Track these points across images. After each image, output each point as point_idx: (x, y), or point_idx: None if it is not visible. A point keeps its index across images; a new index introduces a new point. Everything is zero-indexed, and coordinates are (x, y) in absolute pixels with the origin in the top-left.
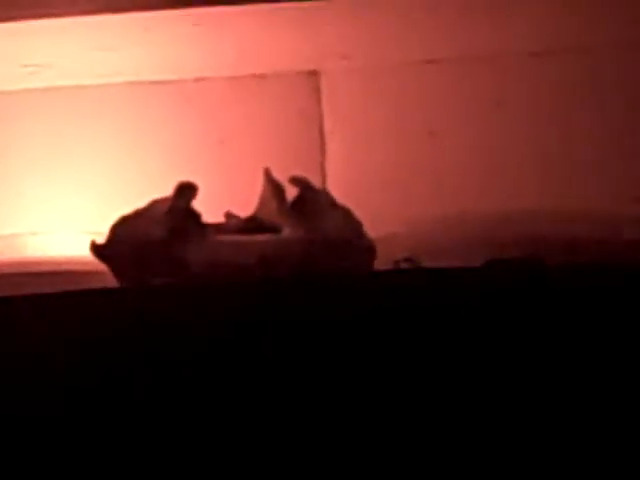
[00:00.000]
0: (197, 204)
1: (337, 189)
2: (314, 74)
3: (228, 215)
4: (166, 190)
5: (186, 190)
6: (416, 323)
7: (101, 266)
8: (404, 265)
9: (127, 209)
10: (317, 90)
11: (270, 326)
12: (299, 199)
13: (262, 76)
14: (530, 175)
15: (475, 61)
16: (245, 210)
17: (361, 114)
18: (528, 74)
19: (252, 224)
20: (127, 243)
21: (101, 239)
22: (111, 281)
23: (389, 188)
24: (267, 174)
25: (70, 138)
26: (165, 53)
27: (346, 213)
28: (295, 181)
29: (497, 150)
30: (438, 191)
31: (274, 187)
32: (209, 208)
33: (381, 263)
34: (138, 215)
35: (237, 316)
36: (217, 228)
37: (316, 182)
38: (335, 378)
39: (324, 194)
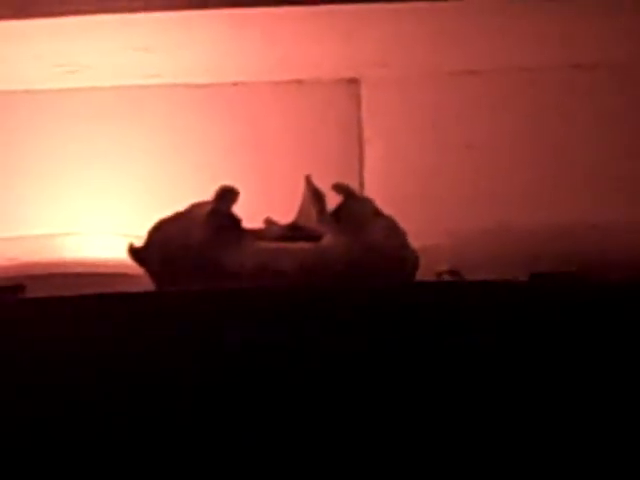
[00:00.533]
0: (235, 210)
1: (375, 198)
2: (354, 82)
3: (268, 221)
4: (204, 195)
5: (227, 194)
6: (459, 336)
7: (138, 269)
8: (447, 277)
9: (164, 212)
10: (357, 98)
11: (308, 335)
12: (341, 207)
13: (302, 82)
14: (571, 188)
15: (516, 73)
16: (284, 217)
17: (400, 123)
18: (568, 87)
19: (292, 231)
20: (165, 247)
21: (139, 242)
22: (147, 284)
23: (427, 198)
24: (308, 181)
25: (108, 139)
26: (204, 55)
27: (390, 222)
28: (338, 188)
29: (536, 163)
30: (477, 203)
31: (315, 194)
32: (246, 214)
33: (422, 274)
34: (177, 218)
35: (273, 323)
36: (257, 234)
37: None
38: (375, 388)
39: (368, 202)
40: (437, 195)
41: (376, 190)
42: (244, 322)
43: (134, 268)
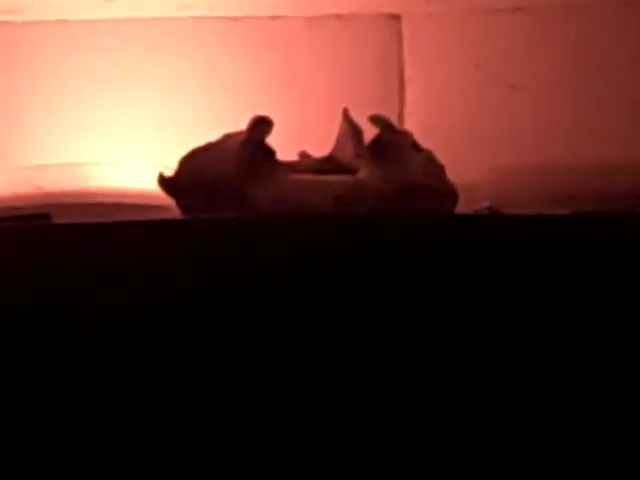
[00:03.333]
0: (270, 143)
1: (414, 136)
2: (396, 17)
3: (302, 154)
4: (237, 128)
5: (261, 124)
6: (494, 270)
7: (167, 200)
8: (486, 214)
9: (197, 144)
10: (398, 34)
11: (341, 265)
12: (379, 139)
13: (341, 17)
14: (616, 126)
15: (562, 10)
16: (319, 152)
17: (443, 62)
18: (616, 24)
19: (327, 164)
20: (196, 176)
21: (169, 172)
22: (177, 216)
23: (469, 138)
24: (345, 114)
25: (141, 70)
26: None
27: (428, 156)
28: (375, 120)
29: (581, 101)
30: (519, 142)
31: (352, 128)
32: (282, 149)
33: (459, 211)
34: (209, 148)
35: (306, 253)
36: (291, 167)
37: None
38: (412, 316)
39: (405, 135)
40: (479, 134)
41: (416, 128)
42: (275, 252)
43: (164, 199)
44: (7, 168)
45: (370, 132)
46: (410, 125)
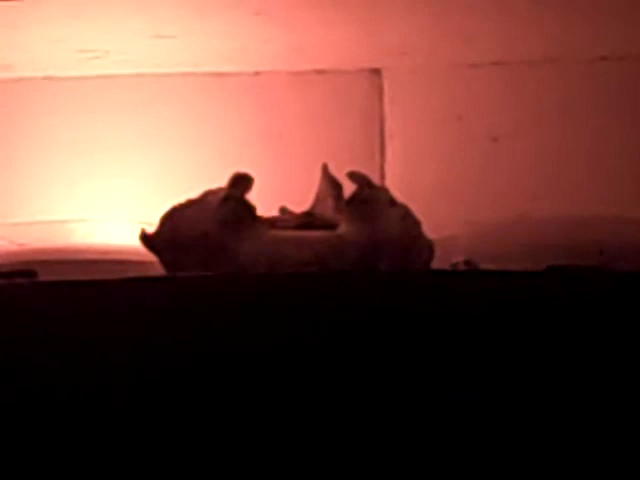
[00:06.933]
0: (251, 198)
1: (396, 190)
2: (377, 72)
3: (283, 210)
4: (220, 183)
5: (241, 181)
6: (471, 325)
7: (150, 256)
8: (461, 268)
9: (179, 200)
10: (379, 89)
11: (320, 321)
12: (357, 195)
13: (323, 72)
14: (595, 180)
15: (542, 65)
16: (300, 206)
17: (424, 115)
18: (595, 79)
19: (307, 220)
20: (177, 233)
21: (151, 229)
22: (159, 272)
23: (449, 191)
24: (324, 170)
25: (125, 127)
26: (225, 44)
27: (405, 211)
28: (353, 177)
29: (561, 155)
30: (499, 196)
31: (331, 183)
32: (263, 203)
33: (438, 265)
34: (190, 205)
35: (286, 310)
36: (271, 222)
37: (375, 182)
38: (385, 376)
39: (383, 191)
40: (459, 187)
41: (398, 182)
42: (256, 308)
43: (147, 255)
44: None
45: (350, 187)
46: (391, 179)
